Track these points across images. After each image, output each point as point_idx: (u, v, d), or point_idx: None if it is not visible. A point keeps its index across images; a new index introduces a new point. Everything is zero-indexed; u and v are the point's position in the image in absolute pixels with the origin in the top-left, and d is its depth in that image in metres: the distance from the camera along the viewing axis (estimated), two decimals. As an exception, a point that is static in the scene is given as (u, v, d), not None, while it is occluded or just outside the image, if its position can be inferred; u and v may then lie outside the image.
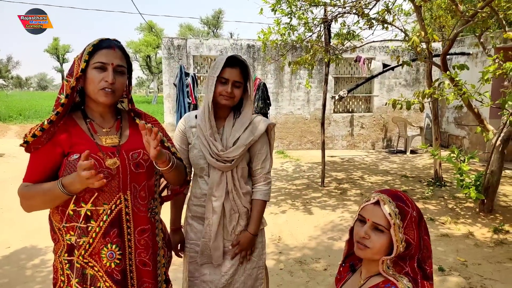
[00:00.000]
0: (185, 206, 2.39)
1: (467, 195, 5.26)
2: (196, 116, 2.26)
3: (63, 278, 1.71)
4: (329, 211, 5.94)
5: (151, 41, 46.79)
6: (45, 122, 1.62)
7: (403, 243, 1.41)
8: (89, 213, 1.67)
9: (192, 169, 2.30)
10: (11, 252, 4.47)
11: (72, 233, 1.68)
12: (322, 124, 7.57)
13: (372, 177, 8.23)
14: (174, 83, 9.43)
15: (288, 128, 11.71)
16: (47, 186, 1.62)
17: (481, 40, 6.75)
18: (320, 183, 7.50)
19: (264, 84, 8.57)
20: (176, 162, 1.87)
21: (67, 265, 1.70)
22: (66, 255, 1.70)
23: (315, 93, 11.70)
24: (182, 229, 2.39)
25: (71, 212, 1.67)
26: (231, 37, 48.99)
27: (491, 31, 7.76)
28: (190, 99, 8.96)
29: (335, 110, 12.20)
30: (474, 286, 3.70)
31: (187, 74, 9.14)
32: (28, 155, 1.71)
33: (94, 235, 1.67)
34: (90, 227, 1.67)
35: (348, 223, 5.40)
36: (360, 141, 12.20)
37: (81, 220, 1.66)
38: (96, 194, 1.66)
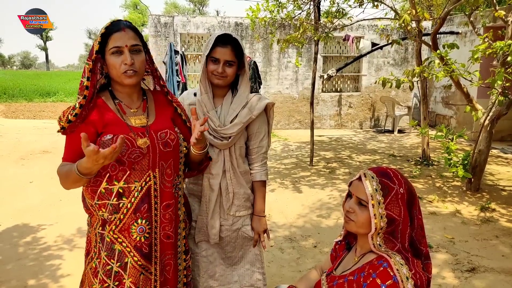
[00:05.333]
0: None
1: (454, 173, 5.33)
2: (195, 94, 2.23)
3: (95, 250, 1.82)
4: (318, 190, 5.97)
5: (136, 19, 46.22)
6: (77, 106, 1.71)
7: (383, 218, 1.42)
8: (121, 191, 1.75)
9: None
10: (2, 230, 4.44)
11: (103, 209, 1.77)
12: (311, 104, 7.54)
13: (360, 156, 8.28)
14: (163, 61, 9.30)
15: (276, 107, 11.66)
16: (69, 168, 1.68)
17: (471, 19, 6.74)
18: (308, 162, 7.52)
19: (255, 63, 8.52)
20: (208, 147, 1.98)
21: (99, 237, 1.80)
22: (100, 228, 1.80)
23: (303, 72, 11.65)
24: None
25: (103, 190, 1.75)
26: (218, 14, 48.42)
27: (481, 10, 7.74)
28: (179, 78, 8.85)
29: (323, 89, 12.18)
30: (461, 262, 3.77)
31: (176, 52, 9.01)
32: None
33: (125, 211, 1.76)
34: (121, 204, 1.76)
35: (337, 201, 5.43)
36: (348, 121, 12.23)
37: (113, 197, 1.75)
38: (128, 172, 1.75)
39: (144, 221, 1.78)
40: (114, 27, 1.74)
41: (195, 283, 2.26)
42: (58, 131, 1.73)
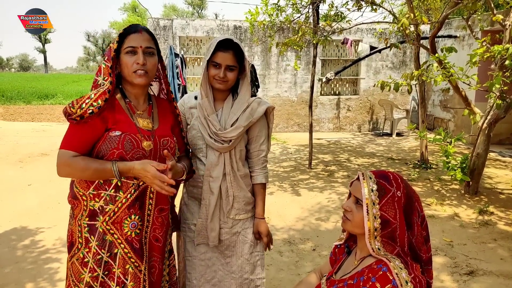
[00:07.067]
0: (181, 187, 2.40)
1: (452, 177, 5.33)
2: (195, 97, 2.25)
3: (80, 240, 1.84)
4: (316, 193, 5.98)
5: (135, 21, 46.25)
6: (94, 97, 1.74)
7: (377, 219, 1.43)
8: (119, 184, 1.81)
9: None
10: (1, 233, 4.43)
11: (97, 199, 1.82)
12: (310, 107, 7.55)
13: (358, 159, 8.29)
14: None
15: (275, 110, 11.49)
16: (98, 165, 1.75)
17: (469, 23, 6.76)
18: (307, 165, 7.53)
19: (253, 66, 8.51)
20: (188, 170, 2.06)
21: (87, 228, 1.83)
22: (87, 219, 1.83)
23: (302, 76, 11.66)
24: (175, 208, 2.40)
25: (101, 181, 1.81)
26: (216, 17, 48.44)
27: (479, 14, 7.77)
28: (180, 81, 8.86)
29: (322, 92, 12.19)
30: (459, 265, 3.77)
31: (176, 55, 9.01)
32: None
33: (120, 205, 1.81)
34: (117, 197, 1.81)
35: (335, 204, 5.44)
36: (346, 124, 12.24)
37: (111, 188, 1.81)
38: None
39: (137, 218, 1.84)
40: (132, 28, 1.84)
41: (191, 286, 2.28)
42: (72, 118, 1.73)
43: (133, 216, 1.83)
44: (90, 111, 1.71)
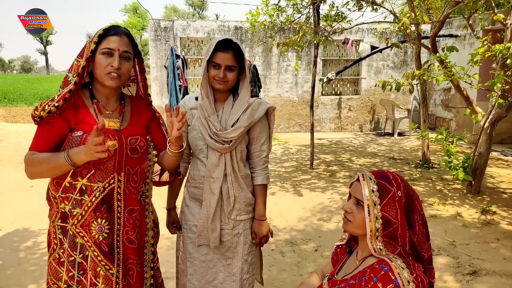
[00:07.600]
0: (182, 188, 2.41)
1: (455, 176, 5.32)
2: (196, 98, 2.25)
3: (56, 241, 1.87)
4: (318, 193, 5.97)
5: (136, 23, 46.32)
6: (56, 98, 1.74)
7: (378, 219, 1.43)
8: (83, 188, 1.80)
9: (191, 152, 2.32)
10: (3, 235, 4.44)
11: (66, 202, 1.82)
12: (311, 107, 7.55)
13: (360, 159, 8.28)
14: (164, 66, 9.30)
15: (276, 111, 11.61)
16: (53, 155, 1.75)
17: (470, 22, 6.76)
18: (309, 166, 7.52)
19: (255, 66, 8.52)
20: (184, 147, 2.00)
21: (60, 230, 1.85)
22: (59, 221, 1.85)
23: (303, 76, 11.66)
24: (176, 210, 2.41)
25: (67, 184, 1.81)
26: (217, 18, 48.44)
27: (480, 13, 7.76)
28: (181, 82, 8.86)
29: (323, 92, 12.18)
30: (462, 265, 3.76)
31: (177, 56, 9.01)
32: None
33: (86, 208, 1.81)
34: (83, 200, 1.81)
35: (337, 204, 5.43)
36: (348, 124, 12.23)
37: (76, 192, 1.80)
38: (92, 171, 1.79)
39: (104, 221, 1.82)
40: (112, 30, 1.81)
41: (192, 287, 2.28)
42: (34, 119, 1.75)
43: (99, 220, 1.81)
44: (48, 110, 1.71)
